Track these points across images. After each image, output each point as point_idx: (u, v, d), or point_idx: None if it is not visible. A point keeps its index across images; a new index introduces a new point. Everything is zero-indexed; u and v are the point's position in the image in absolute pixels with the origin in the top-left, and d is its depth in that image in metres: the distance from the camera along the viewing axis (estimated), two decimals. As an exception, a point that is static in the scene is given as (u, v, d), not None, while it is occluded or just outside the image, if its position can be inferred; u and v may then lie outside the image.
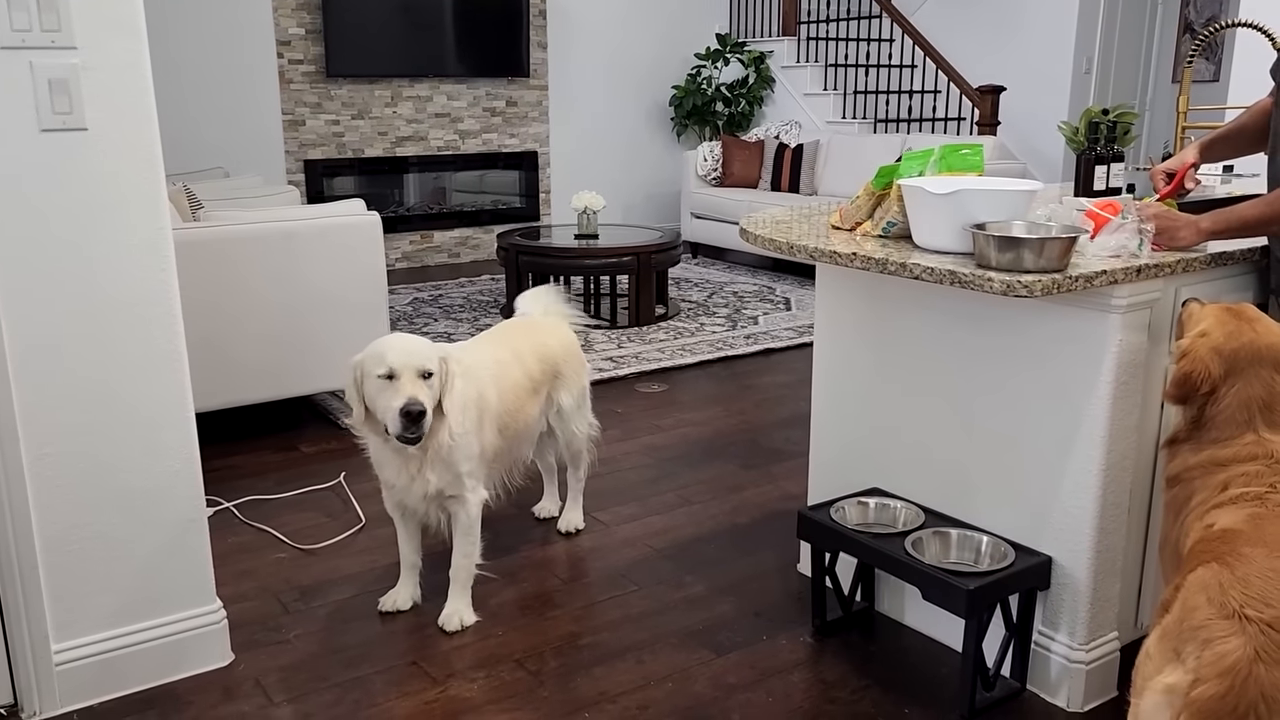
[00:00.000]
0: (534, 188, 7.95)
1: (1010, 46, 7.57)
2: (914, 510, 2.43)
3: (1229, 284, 2.24)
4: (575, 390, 2.91)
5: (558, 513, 3.17)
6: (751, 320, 5.73)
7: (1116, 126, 2.83)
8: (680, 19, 8.43)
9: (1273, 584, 1.46)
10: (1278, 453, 1.72)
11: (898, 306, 2.45)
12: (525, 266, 5.62)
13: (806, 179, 7.29)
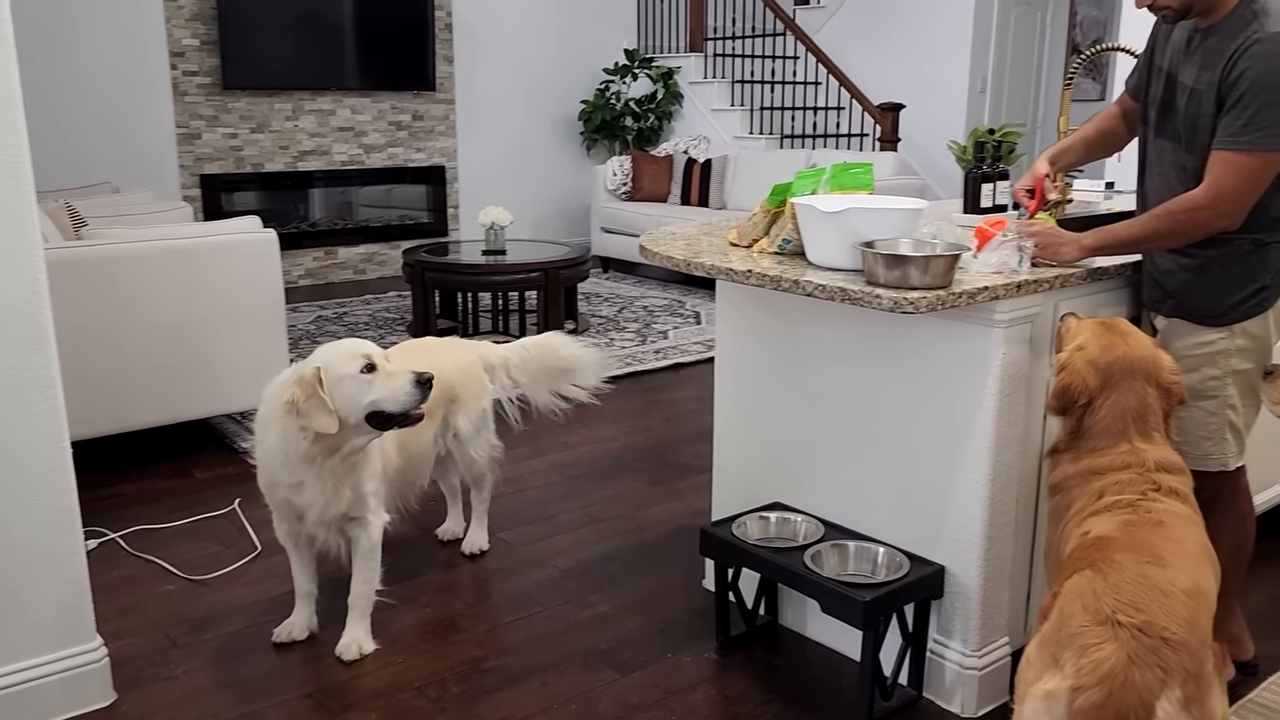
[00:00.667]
0: (442, 203, 7.87)
1: (910, 66, 7.76)
2: (814, 524, 2.46)
3: (1106, 298, 2.32)
4: (473, 414, 2.87)
5: (462, 534, 3.13)
6: (661, 335, 5.75)
7: (1002, 145, 2.92)
8: (588, 34, 8.45)
9: (1142, 589, 1.51)
10: (1149, 461, 1.79)
11: (796, 321, 2.48)
12: (431, 283, 5.55)
13: (715, 193, 7.36)
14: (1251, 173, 1.99)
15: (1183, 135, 2.12)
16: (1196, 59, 2.09)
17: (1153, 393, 1.86)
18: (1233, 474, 2.23)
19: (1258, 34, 1.96)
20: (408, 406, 2.32)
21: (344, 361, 2.29)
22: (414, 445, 2.66)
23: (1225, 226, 2.05)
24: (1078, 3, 8.26)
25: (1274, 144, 1.97)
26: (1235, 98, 1.98)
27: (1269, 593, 2.80)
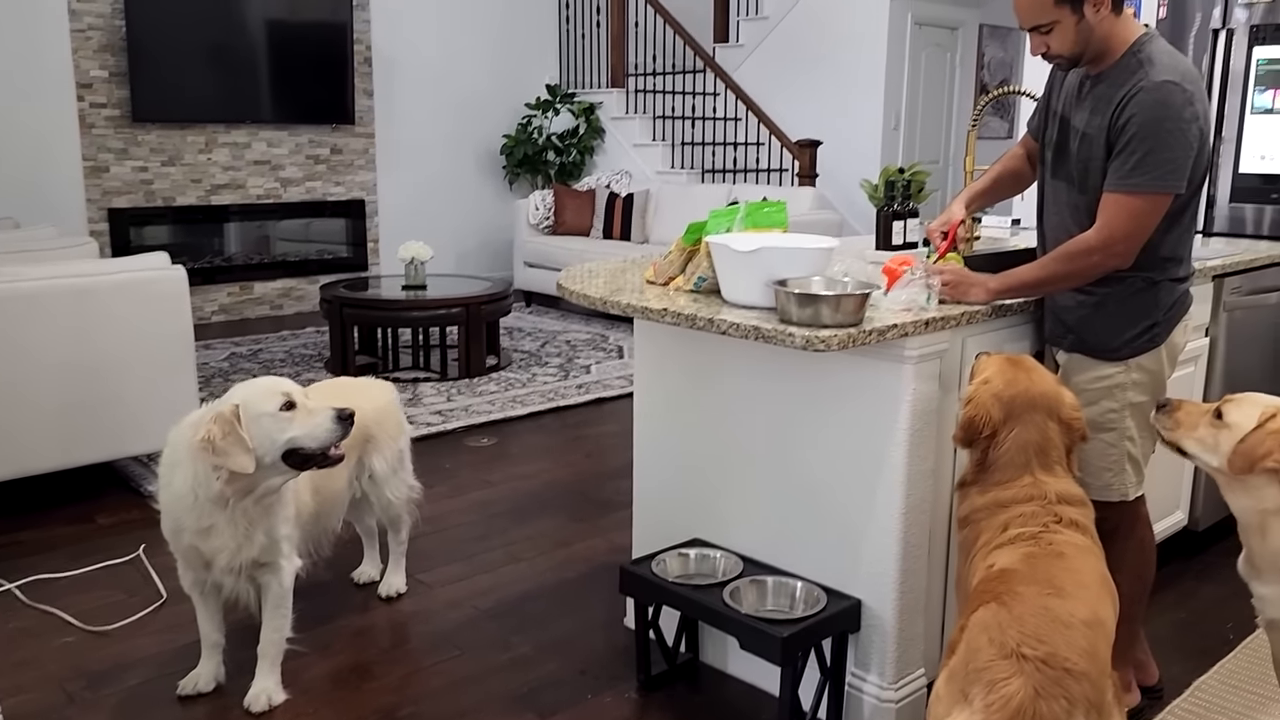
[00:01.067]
0: (362, 237, 7.78)
1: (827, 103, 7.94)
2: (733, 559, 2.47)
3: (1011, 334, 2.38)
4: (389, 454, 2.82)
5: (379, 577, 3.07)
6: (584, 369, 5.75)
7: (911, 184, 2.99)
8: (510, 69, 8.47)
9: (1044, 621, 1.55)
10: (1051, 493, 1.84)
11: (712, 358, 2.50)
12: (350, 319, 5.46)
13: (638, 227, 7.40)
14: (1140, 213, 2.07)
15: (1076, 177, 2.20)
16: (1087, 104, 2.17)
17: (1054, 427, 1.91)
18: (1133, 504, 2.30)
19: (1143, 82, 2.05)
20: (328, 443, 2.27)
21: (262, 399, 2.24)
22: (328, 487, 2.60)
23: (1118, 265, 2.13)
24: (985, 44, 8.55)
25: (1160, 186, 2.05)
26: (1124, 142, 2.06)
27: (1171, 618, 2.89)
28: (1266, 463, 1.83)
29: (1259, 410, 1.88)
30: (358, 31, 7.43)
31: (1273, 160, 4.28)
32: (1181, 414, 1.99)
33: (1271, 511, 1.87)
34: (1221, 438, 1.91)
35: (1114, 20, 2.12)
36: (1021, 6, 2.13)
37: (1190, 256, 2.27)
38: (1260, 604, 1.96)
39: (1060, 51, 2.14)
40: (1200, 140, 2.08)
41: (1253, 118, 4.33)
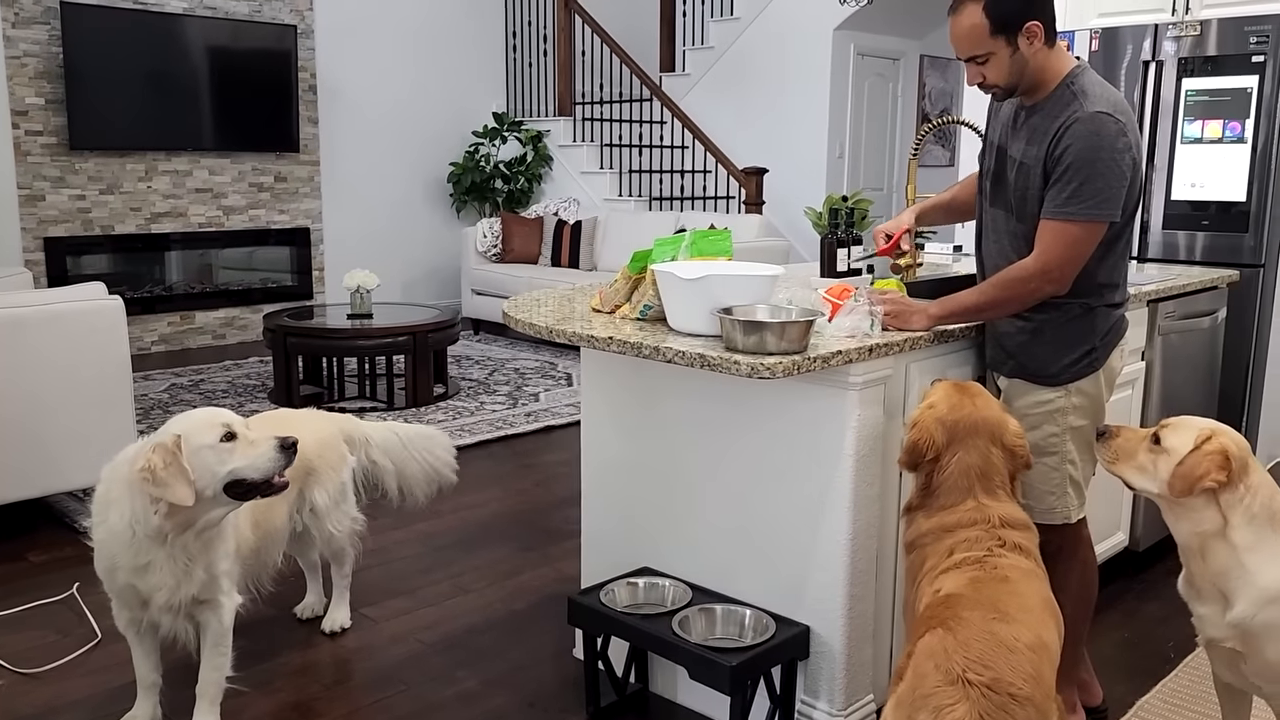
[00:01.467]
0: (307, 265, 7.69)
1: (772, 132, 8.04)
2: (682, 588, 2.46)
3: (953, 359, 2.42)
4: (331, 487, 2.77)
5: (322, 611, 3.00)
6: (533, 397, 5.72)
7: (854, 212, 3.03)
8: (457, 97, 8.46)
9: (989, 646, 1.56)
10: (994, 518, 1.86)
11: (660, 386, 2.50)
12: (294, 349, 5.38)
13: (586, 254, 7.41)
14: (1077, 241, 2.12)
15: (1014, 205, 2.24)
16: (1023, 134, 2.22)
17: (997, 452, 1.94)
18: (1075, 526, 2.34)
19: (1078, 113, 2.10)
20: (271, 473, 2.23)
21: (203, 430, 2.19)
22: (268, 521, 2.55)
23: (1055, 291, 2.17)
24: (926, 74, 8.73)
25: (1095, 214, 2.10)
26: (1060, 172, 2.11)
27: (1114, 638, 2.93)
28: (1204, 483, 1.86)
29: (1194, 433, 1.92)
30: (302, 59, 7.38)
31: (1202, 188, 4.41)
32: (1120, 441, 2.03)
33: (1210, 534, 1.90)
34: (1160, 463, 1.94)
35: (1047, 53, 2.17)
36: (958, 38, 2.18)
37: (1125, 282, 2.32)
38: (1200, 623, 1.99)
39: (996, 82, 2.19)
40: (1133, 169, 2.14)
41: (1183, 147, 4.46)
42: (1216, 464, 1.86)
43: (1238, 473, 1.87)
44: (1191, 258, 4.43)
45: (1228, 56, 4.25)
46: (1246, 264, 4.28)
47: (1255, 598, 1.86)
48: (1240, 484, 1.87)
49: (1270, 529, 1.87)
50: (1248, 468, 1.89)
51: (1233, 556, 1.88)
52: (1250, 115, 4.23)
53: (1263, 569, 1.86)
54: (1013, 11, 2.11)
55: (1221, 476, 1.85)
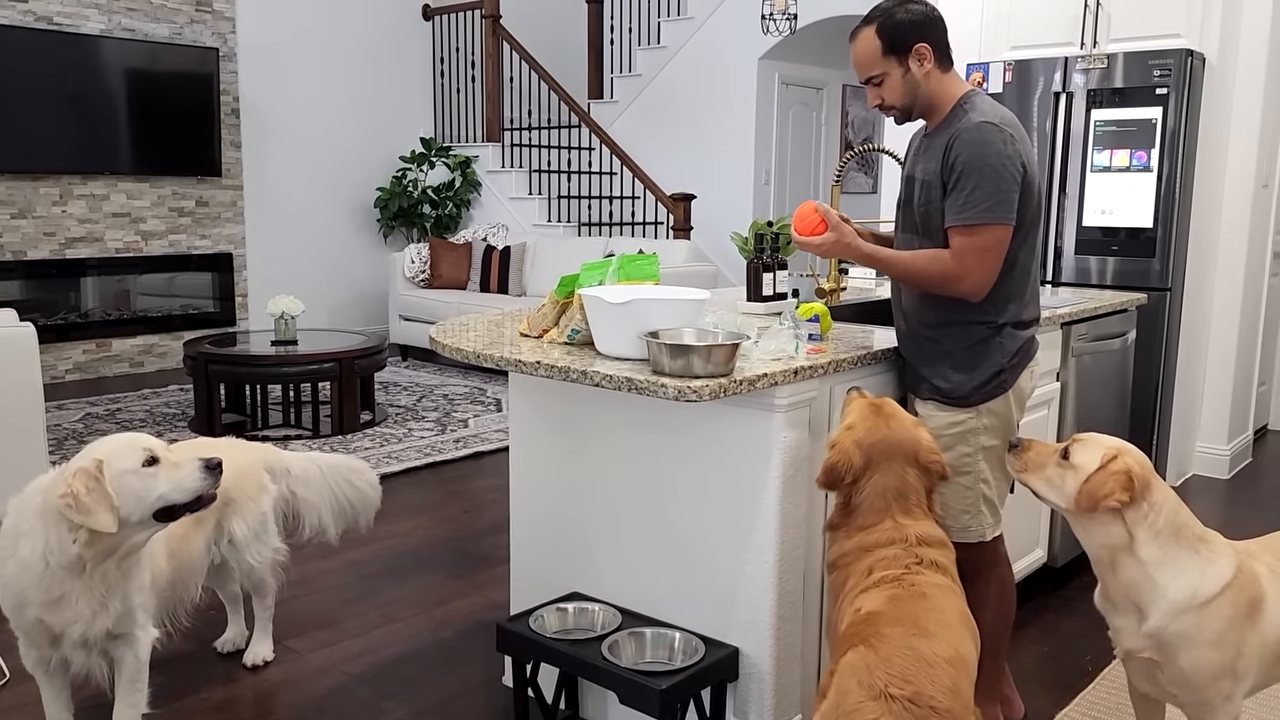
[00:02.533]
0: (229, 291, 7.54)
1: (700, 158, 8.15)
2: (612, 612, 2.45)
3: (875, 381, 2.46)
4: (250, 517, 2.71)
5: (244, 645, 2.93)
6: (462, 423, 5.67)
7: (779, 238, 3.08)
8: (384, 122, 8.41)
9: (910, 661, 1.59)
10: (912, 536, 1.90)
11: (587, 410, 2.50)
12: (216, 376, 5.27)
13: (515, 280, 7.40)
14: (984, 245, 2.18)
15: (919, 224, 2.31)
16: (924, 156, 2.32)
17: (913, 472, 1.98)
18: (991, 544, 2.39)
19: (965, 125, 2.20)
20: (198, 493, 2.18)
21: (124, 454, 2.13)
22: (184, 552, 2.48)
23: (967, 295, 2.22)
24: (848, 103, 8.93)
25: (991, 217, 2.17)
26: (954, 181, 2.20)
27: (1034, 653, 3.00)
28: (1109, 501, 1.93)
29: (1102, 451, 1.99)
30: (225, 82, 7.27)
31: (1112, 214, 4.58)
32: (1031, 454, 2.09)
33: (1119, 548, 1.97)
34: (1068, 478, 2.00)
35: (941, 76, 2.27)
36: (857, 60, 2.32)
37: (1034, 303, 2.40)
38: (1117, 635, 2.05)
39: (892, 102, 2.30)
40: (1025, 177, 2.21)
41: (1093, 175, 4.63)
42: (1121, 484, 1.92)
43: (1141, 491, 1.93)
44: (1103, 282, 4.59)
45: (1134, 89, 4.44)
46: (1154, 288, 4.45)
47: (1166, 610, 1.93)
48: (1144, 502, 1.94)
49: (1175, 544, 1.94)
50: (1150, 486, 1.96)
51: (1141, 571, 1.95)
52: (1155, 145, 4.41)
53: (1171, 583, 1.93)
54: (903, 34, 2.24)
55: (1125, 496, 1.91)
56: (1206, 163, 4.58)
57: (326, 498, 2.94)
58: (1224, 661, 1.92)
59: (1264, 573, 1.99)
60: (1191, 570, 1.93)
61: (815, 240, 2.34)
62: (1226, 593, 1.92)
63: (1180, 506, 1.98)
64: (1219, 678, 1.92)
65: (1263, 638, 1.95)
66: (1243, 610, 1.93)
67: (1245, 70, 4.61)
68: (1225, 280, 4.76)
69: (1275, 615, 1.96)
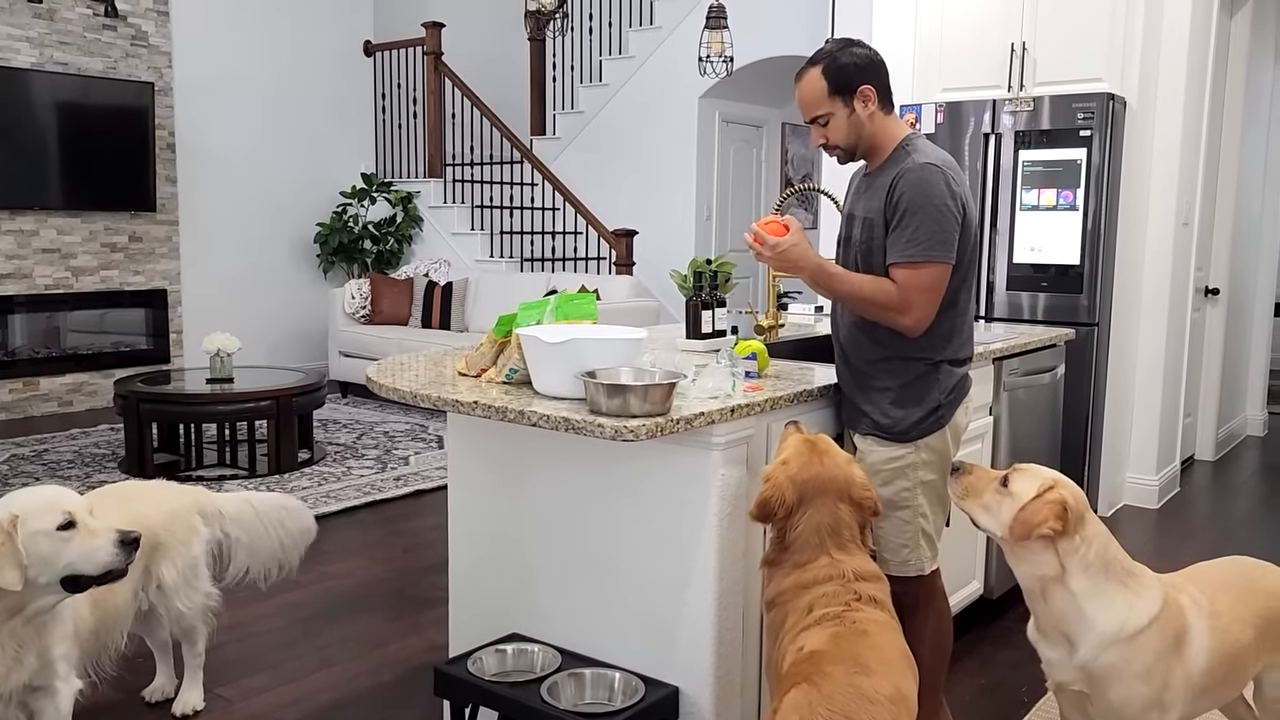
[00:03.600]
0: (163, 328, 7.39)
1: (642, 194, 8.21)
2: (551, 653, 2.43)
3: (813, 418, 2.48)
4: (181, 562, 2.64)
5: (174, 693, 2.85)
6: (402, 461, 5.60)
7: (718, 275, 3.11)
8: (324, 157, 8.36)
9: (852, 698, 1.60)
10: (849, 572, 1.92)
11: (526, 450, 2.49)
12: (148, 416, 5.15)
13: (457, 316, 7.36)
14: (926, 284, 2.23)
15: (859, 261, 2.36)
16: (865, 195, 2.37)
17: (845, 508, 2.00)
18: (929, 577, 2.42)
19: (909, 165, 2.26)
20: (108, 568, 2.12)
21: (42, 514, 2.07)
22: (109, 601, 2.41)
23: (908, 329, 2.27)
24: (788, 141, 9.07)
25: (934, 255, 2.23)
26: (897, 220, 2.25)
27: (971, 684, 3.03)
28: (1042, 530, 1.96)
29: (1039, 481, 2.03)
30: (160, 117, 7.17)
31: (1041, 251, 4.71)
32: (971, 479, 2.12)
33: (1050, 578, 2.00)
34: (1004, 505, 2.04)
35: (883, 118, 2.33)
36: (802, 99, 2.36)
37: (969, 342, 2.45)
38: (1048, 667, 2.08)
39: (837, 142, 2.35)
40: (964, 218, 2.27)
41: (1022, 213, 4.76)
42: (1054, 513, 1.96)
43: (1074, 523, 1.97)
44: (1034, 317, 4.71)
45: (1059, 130, 4.58)
46: (1083, 323, 4.57)
47: (1095, 642, 1.97)
48: (1077, 534, 1.98)
49: (1104, 577, 1.99)
50: (1084, 519, 2.00)
51: (1071, 602, 1.99)
52: (1081, 184, 4.55)
53: (1100, 615, 1.97)
54: (848, 75, 2.30)
55: (1058, 525, 1.95)
56: (1129, 201, 4.73)
57: (261, 539, 2.89)
58: (1151, 694, 1.95)
59: (1189, 605, 2.04)
60: (1120, 603, 1.97)
61: (774, 241, 2.32)
62: (1154, 626, 1.96)
63: (1111, 541, 2.03)
64: (1147, 709, 1.96)
65: (1188, 670, 1.99)
66: (1169, 643, 1.97)
67: (1164, 112, 4.79)
68: (1150, 315, 4.91)
69: (1199, 647, 2.00)
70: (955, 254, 2.26)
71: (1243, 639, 2.07)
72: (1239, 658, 2.08)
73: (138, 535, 2.15)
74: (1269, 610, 2.14)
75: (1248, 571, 2.21)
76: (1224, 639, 2.04)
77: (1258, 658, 2.14)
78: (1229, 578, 2.17)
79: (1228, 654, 2.04)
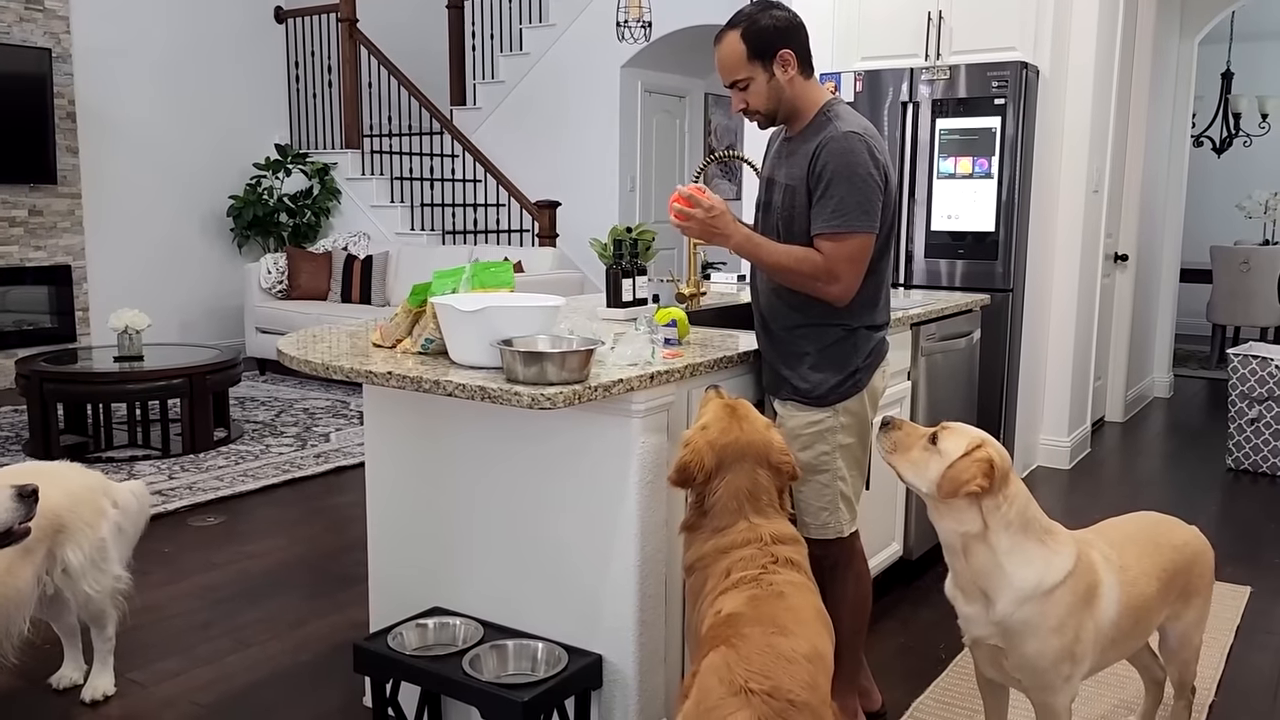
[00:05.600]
0: (68, 305, 7.12)
1: (565, 165, 8.13)
2: (473, 626, 2.41)
3: (733, 384, 2.48)
4: (87, 544, 2.54)
5: (82, 680, 2.75)
6: (323, 438, 5.49)
7: (638, 243, 3.09)
8: (236, 127, 8.10)
9: (769, 658, 1.61)
10: (767, 535, 1.93)
11: (444, 422, 2.45)
12: (53, 396, 4.96)
13: (378, 290, 7.23)
14: (852, 252, 2.24)
15: (780, 227, 2.35)
16: (785, 160, 2.36)
17: (764, 473, 2.01)
18: (848, 539, 2.45)
19: (833, 134, 2.25)
20: (8, 524, 2.04)
21: None
22: (9, 585, 2.32)
23: (834, 299, 2.28)
24: (711, 112, 9.07)
25: (859, 225, 2.23)
26: (821, 189, 2.24)
27: (891, 644, 3.09)
28: (969, 488, 1.99)
29: (967, 440, 2.06)
30: (59, 85, 6.87)
31: (958, 219, 4.78)
32: (900, 435, 2.13)
33: (972, 534, 2.04)
34: (932, 462, 2.06)
35: (804, 83, 2.32)
36: (721, 63, 2.33)
37: (886, 307, 2.47)
38: (965, 623, 2.12)
39: (757, 107, 2.33)
40: (886, 187, 2.28)
41: (939, 181, 4.82)
42: (981, 471, 1.99)
43: (999, 482, 2.01)
44: (953, 284, 4.78)
45: (975, 99, 4.64)
46: (998, 289, 4.66)
47: (1012, 597, 2.01)
48: (1000, 493, 2.02)
49: (1024, 535, 2.03)
50: (1008, 478, 2.04)
51: (991, 558, 2.02)
52: (995, 153, 4.62)
53: (1018, 571, 2.01)
54: (767, 39, 2.27)
55: (984, 483, 1.99)
56: (1043, 169, 4.83)
57: (138, 528, 2.79)
58: (1064, 646, 2.01)
59: (1100, 561, 2.10)
60: (1038, 560, 2.02)
61: (708, 203, 2.29)
62: (1068, 581, 2.01)
63: (1030, 500, 2.07)
64: (1060, 662, 2.02)
65: (1098, 623, 2.06)
66: (1082, 597, 2.03)
67: (1075, 82, 4.89)
68: (1062, 281, 5.03)
69: (1109, 601, 2.07)
70: (879, 223, 2.27)
71: (1148, 591, 2.15)
72: (1145, 609, 2.15)
73: (34, 488, 2.08)
74: (1171, 563, 2.22)
75: (1152, 526, 2.29)
76: (1132, 592, 2.11)
77: (1161, 609, 2.23)
78: (1135, 531, 2.25)
79: (1135, 606, 2.12)
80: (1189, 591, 2.29)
